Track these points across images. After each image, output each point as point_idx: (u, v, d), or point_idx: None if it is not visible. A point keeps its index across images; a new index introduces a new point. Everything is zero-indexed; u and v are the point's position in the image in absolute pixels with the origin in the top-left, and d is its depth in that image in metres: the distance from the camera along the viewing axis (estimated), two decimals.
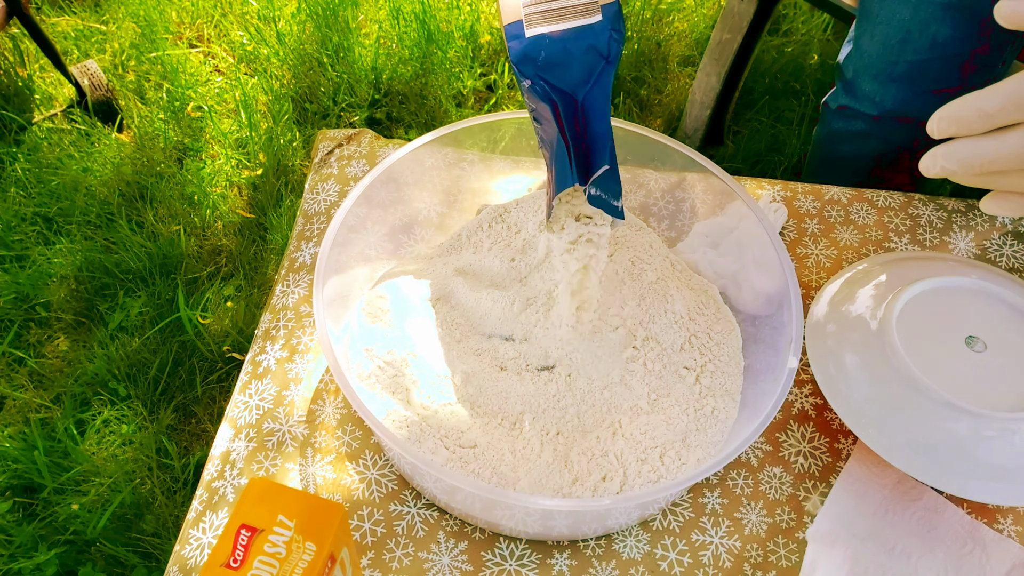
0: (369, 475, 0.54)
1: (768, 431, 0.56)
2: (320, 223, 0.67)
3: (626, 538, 0.51)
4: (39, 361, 1.21)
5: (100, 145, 1.47)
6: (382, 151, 0.72)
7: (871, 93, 0.79)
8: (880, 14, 0.74)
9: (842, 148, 0.87)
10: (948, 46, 0.72)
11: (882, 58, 0.76)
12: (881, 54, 0.76)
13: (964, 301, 0.55)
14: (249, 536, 0.36)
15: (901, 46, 0.74)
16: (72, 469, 1.08)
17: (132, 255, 1.30)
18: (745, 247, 0.57)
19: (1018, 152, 0.36)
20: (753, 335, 0.56)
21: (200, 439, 1.14)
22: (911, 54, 0.74)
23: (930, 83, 0.76)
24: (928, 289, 0.55)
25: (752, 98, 1.53)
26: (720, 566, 0.50)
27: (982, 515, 0.52)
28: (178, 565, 0.51)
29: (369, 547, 0.51)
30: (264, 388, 0.58)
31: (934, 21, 0.71)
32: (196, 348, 1.21)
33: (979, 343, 0.53)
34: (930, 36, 0.72)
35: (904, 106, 0.78)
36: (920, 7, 0.71)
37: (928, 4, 0.71)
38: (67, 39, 1.65)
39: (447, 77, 1.57)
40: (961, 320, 0.54)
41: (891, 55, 0.75)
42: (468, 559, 0.50)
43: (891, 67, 0.76)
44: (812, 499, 0.53)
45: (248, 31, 1.66)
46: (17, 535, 1.03)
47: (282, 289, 0.63)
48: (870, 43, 0.77)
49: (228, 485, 0.54)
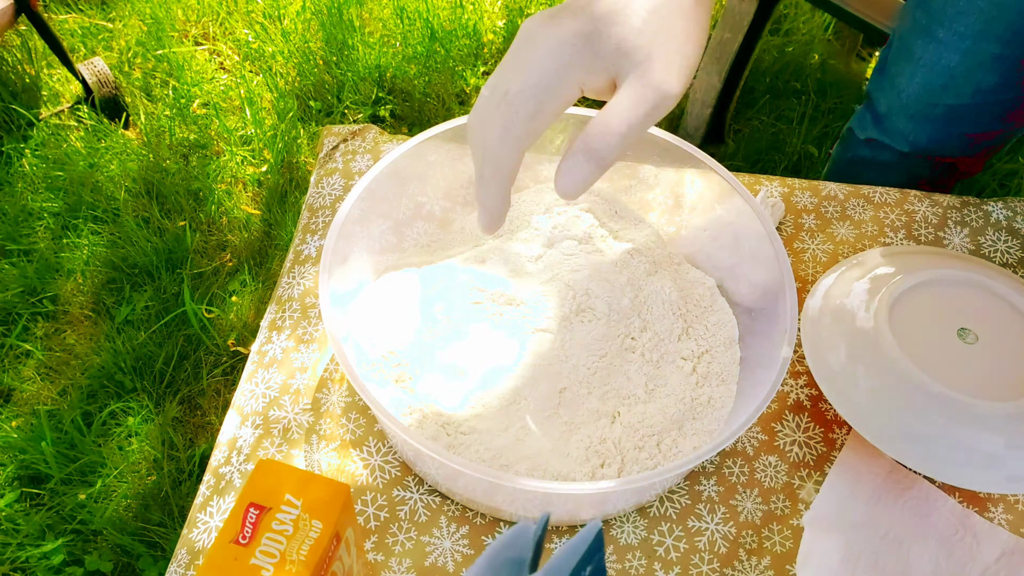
0: (373, 461, 0.55)
1: (764, 421, 0.57)
2: (325, 217, 0.68)
3: (623, 524, 0.52)
4: (46, 354, 1.23)
5: (107, 142, 1.48)
6: (386, 146, 0.73)
7: (905, 131, 0.77)
8: (924, 57, 0.71)
9: (864, 174, 0.84)
10: (991, 93, 0.70)
11: (921, 100, 0.74)
12: (921, 96, 0.74)
13: (956, 294, 0.56)
14: (257, 514, 0.37)
15: (943, 90, 0.72)
16: (79, 460, 1.10)
17: (139, 250, 1.32)
18: (742, 241, 0.59)
19: None
20: (749, 327, 0.57)
21: (205, 431, 1.15)
22: (952, 98, 0.72)
23: (968, 126, 0.74)
24: (921, 282, 0.56)
25: (753, 97, 1.54)
26: (716, 552, 0.51)
27: (973, 504, 0.53)
28: (186, 548, 0.52)
29: (373, 531, 0.52)
30: (270, 377, 0.59)
31: (981, 69, 0.69)
32: (201, 342, 1.23)
33: (971, 335, 0.54)
34: (975, 83, 0.70)
35: (937, 145, 0.77)
36: (969, 55, 0.69)
37: (977, 53, 0.68)
38: (74, 37, 1.67)
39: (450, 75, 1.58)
40: (953, 312, 0.55)
41: (932, 98, 0.73)
42: (469, 543, 0.51)
43: (930, 109, 0.74)
44: (807, 487, 0.54)
45: (253, 29, 1.67)
46: (25, 524, 1.05)
47: (287, 281, 0.65)
48: (909, 83, 0.74)
49: (235, 471, 0.55)
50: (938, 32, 0.70)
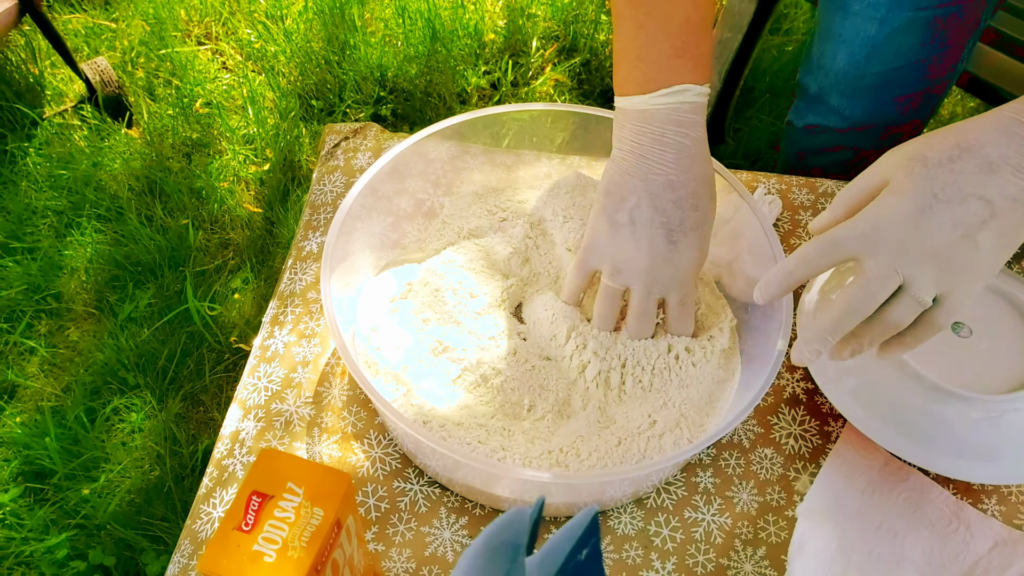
0: (373, 454, 0.55)
1: (760, 414, 0.58)
2: (327, 213, 0.69)
3: (621, 515, 0.53)
4: (50, 351, 1.23)
5: (110, 140, 1.49)
6: (387, 144, 0.73)
7: (839, 107, 0.80)
8: (844, 32, 0.75)
9: (813, 163, 0.87)
10: (912, 53, 0.73)
11: (849, 74, 0.76)
12: (847, 70, 0.76)
13: None
14: (260, 502, 0.38)
15: (867, 60, 0.75)
16: (82, 456, 1.11)
17: (142, 248, 1.33)
18: (740, 237, 0.59)
19: (841, 315, 0.43)
20: (746, 321, 0.57)
21: (208, 427, 1.16)
22: (877, 66, 0.75)
23: (896, 90, 0.77)
24: None
25: (753, 96, 1.54)
26: (711, 542, 0.52)
27: (967, 496, 0.54)
28: (189, 538, 0.53)
29: (373, 522, 0.53)
30: (272, 371, 0.60)
31: (899, 32, 0.72)
32: (204, 339, 1.23)
33: (965, 328, 0.55)
34: (895, 47, 0.73)
35: (871, 115, 0.79)
36: (886, 22, 0.71)
37: (893, 19, 0.71)
38: (78, 36, 1.68)
39: (451, 75, 1.59)
40: None
41: (858, 70, 0.76)
42: (468, 533, 0.52)
43: (859, 81, 0.77)
44: (802, 479, 0.55)
45: (256, 29, 1.68)
46: (28, 519, 1.06)
47: (289, 277, 0.65)
48: (834, 61, 0.77)
49: (238, 463, 0.56)
50: (852, 6, 0.72)
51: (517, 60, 1.63)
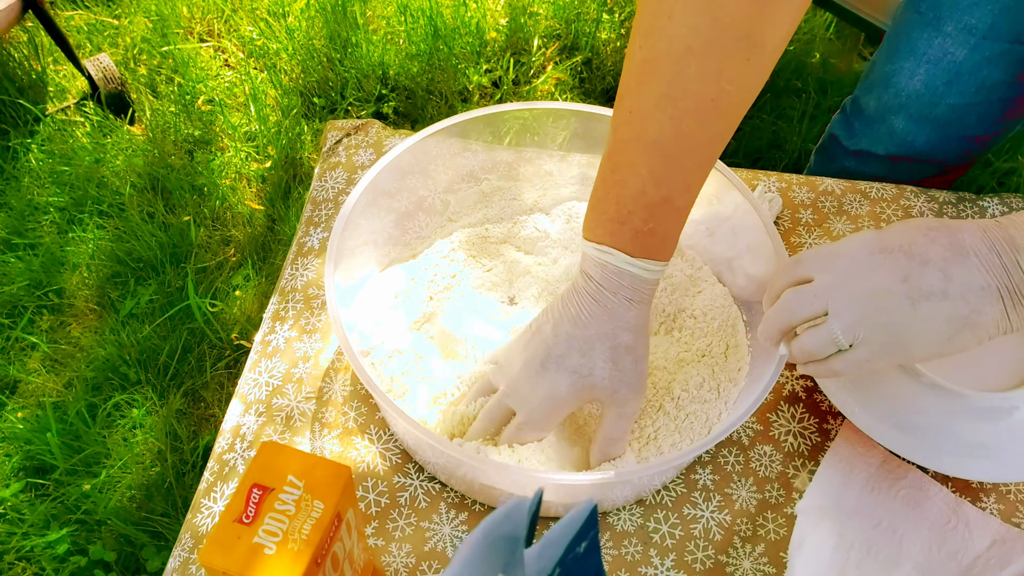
0: (374, 449, 0.56)
1: (759, 412, 0.58)
2: (328, 210, 0.69)
3: (620, 512, 0.53)
4: (52, 346, 1.24)
5: (112, 137, 1.50)
6: (388, 141, 0.74)
7: (902, 131, 0.74)
8: (929, 51, 0.68)
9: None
10: (994, 91, 0.68)
11: (923, 98, 0.71)
12: (922, 93, 0.71)
13: None
14: (260, 495, 0.38)
15: (946, 87, 0.69)
16: (84, 451, 1.11)
17: (143, 244, 1.33)
18: (740, 235, 0.59)
19: (771, 319, 0.47)
20: (746, 320, 0.58)
21: (209, 423, 1.16)
22: (955, 97, 0.69)
23: (967, 128, 0.72)
24: None
25: None
26: (710, 539, 0.52)
27: (966, 493, 0.54)
28: (190, 532, 0.53)
29: (374, 516, 0.53)
30: (273, 366, 0.60)
31: (987, 64, 0.66)
32: (205, 335, 1.24)
33: None
34: (979, 80, 0.68)
35: (933, 148, 0.74)
36: (977, 50, 0.66)
37: (986, 48, 0.66)
38: (80, 33, 1.68)
39: (453, 73, 1.59)
40: None
41: (933, 95, 0.70)
42: (468, 529, 0.52)
43: (930, 108, 0.71)
44: (801, 476, 0.55)
45: (258, 26, 1.68)
46: (29, 514, 1.06)
47: (291, 272, 0.66)
48: (910, 80, 0.71)
49: (239, 457, 0.56)
50: (945, 26, 0.67)
51: (519, 58, 1.63)
